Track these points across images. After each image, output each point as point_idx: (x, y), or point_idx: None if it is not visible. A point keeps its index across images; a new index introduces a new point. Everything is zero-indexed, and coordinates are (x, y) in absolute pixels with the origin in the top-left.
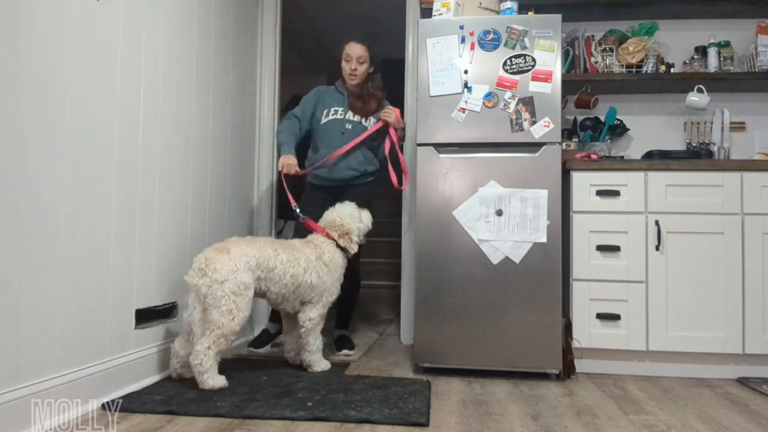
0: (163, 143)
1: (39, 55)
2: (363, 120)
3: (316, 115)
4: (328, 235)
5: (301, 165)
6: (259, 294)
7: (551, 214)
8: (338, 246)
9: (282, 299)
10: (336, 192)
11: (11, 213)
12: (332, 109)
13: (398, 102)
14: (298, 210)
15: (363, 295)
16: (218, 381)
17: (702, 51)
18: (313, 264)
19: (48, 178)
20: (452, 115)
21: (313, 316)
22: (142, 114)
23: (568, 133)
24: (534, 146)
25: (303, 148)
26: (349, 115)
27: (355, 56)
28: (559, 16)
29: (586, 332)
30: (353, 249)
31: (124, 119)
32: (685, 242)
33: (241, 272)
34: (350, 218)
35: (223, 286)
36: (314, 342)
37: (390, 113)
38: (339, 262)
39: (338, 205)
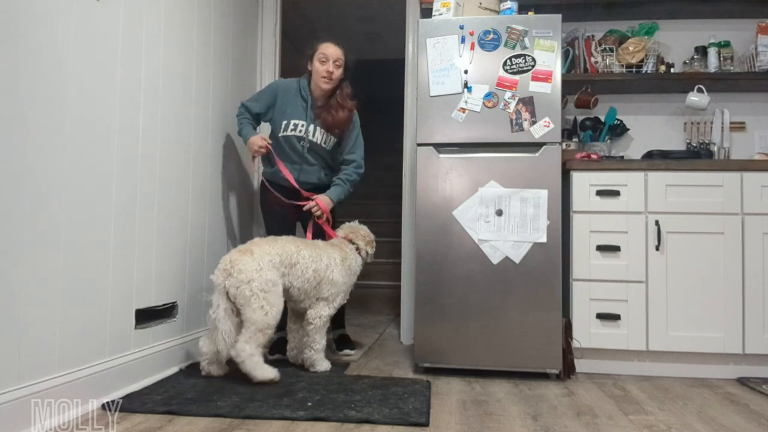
0: (163, 143)
1: (39, 55)
2: (323, 140)
3: (275, 120)
4: (351, 241)
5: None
6: (284, 290)
7: (551, 214)
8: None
9: (304, 295)
10: (294, 198)
11: (11, 213)
12: (291, 123)
13: (398, 102)
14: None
15: (363, 295)
16: (268, 373)
17: (702, 51)
18: (336, 263)
19: (48, 178)
20: (452, 115)
21: (323, 314)
22: (142, 114)
23: (568, 133)
24: (534, 146)
25: None
26: (311, 130)
27: (332, 58)
28: (559, 16)
29: (586, 332)
30: (370, 258)
31: (124, 119)
32: (685, 242)
33: (265, 270)
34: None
35: (250, 285)
36: (320, 340)
37: (317, 210)
38: (357, 269)
39: (354, 223)
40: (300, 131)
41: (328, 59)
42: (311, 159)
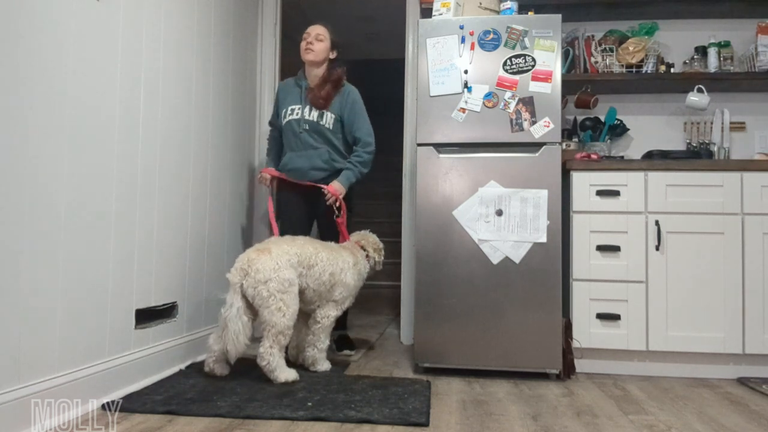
0: (163, 143)
1: (39, 55)
2: (320, 118)
3: (280, 114)
4: (362, 247)
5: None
6: (299, 291)
7: (551, 214)
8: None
9: (318, 297)
10: (310, 196)
11: (11, 212)
12: (289, 108)
13: (398, 102)
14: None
15: (363, 295)
16: (290, 374)
17: (702, 51)
18: (349, 266)
19: (48, 178)
20: (452, 115)
21: (331, 315)
22: (141, 114)
23: (568, 133)
24: (534, 146)
25: None
26: (306, 111)
27: (312, 33)
28: (559, 16)
29: (586, 332)
30: (380, 266)
31: (124, 119)
32: (685, 242)
33: (283, 270)
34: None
35: (267, 285)
36: (325, 340)
37: (330, 197)
38: (365, 275)
39: (365, 231)
40: (297, 114)
41: (309, 35)
42: (314, 142)
